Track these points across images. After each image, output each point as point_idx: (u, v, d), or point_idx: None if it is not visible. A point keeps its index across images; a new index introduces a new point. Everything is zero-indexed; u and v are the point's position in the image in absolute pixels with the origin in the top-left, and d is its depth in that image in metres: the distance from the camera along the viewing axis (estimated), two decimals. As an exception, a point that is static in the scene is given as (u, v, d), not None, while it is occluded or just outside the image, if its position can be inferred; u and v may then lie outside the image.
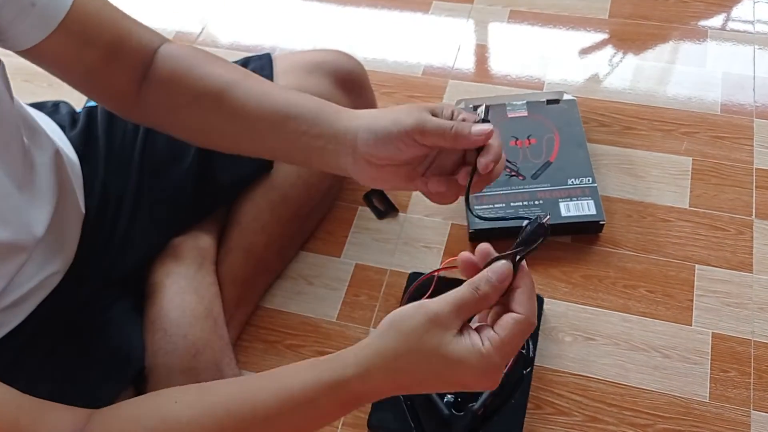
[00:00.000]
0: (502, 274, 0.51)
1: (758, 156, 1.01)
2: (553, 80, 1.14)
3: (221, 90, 0.64)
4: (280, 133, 0.63)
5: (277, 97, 0.63)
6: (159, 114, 0.69)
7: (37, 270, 0.66)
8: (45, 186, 0.67)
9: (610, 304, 0.89)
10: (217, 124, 0.66)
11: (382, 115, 0.59)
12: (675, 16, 1.20)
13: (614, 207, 0.97)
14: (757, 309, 0.87)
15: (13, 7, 0.58)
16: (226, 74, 0.65)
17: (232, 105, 0.64)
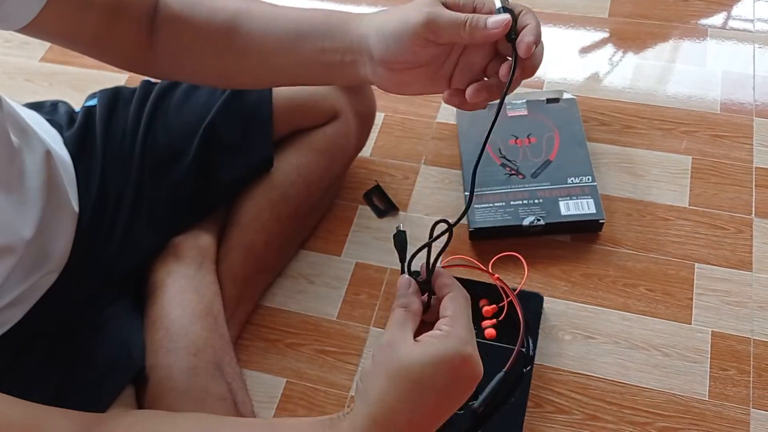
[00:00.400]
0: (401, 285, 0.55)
1: (758, 155, 1.01)
2: (553, 79, 1.14)
3: (230, 24, 0.62)
4: (296, 56, 0.60)
5: (285, 19, 0.61)
6: (173, 62, 0.67)
7: (29, 271, 0.66)
8: (33, 187, 0.67)
9: (609, 302, 0.89)
10: (232, 61, 0.64)
11: (391, 15, 0.55)
12: (675, 15, 1.20)
13: (614, 206, 0.97)
14: (757, 307, 0.88)
15: None
16: (230, 5, 0.63)
17: (243, 38, 0.62)
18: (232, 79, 0.68)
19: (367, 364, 0.50)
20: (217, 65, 0.66)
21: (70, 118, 0.82)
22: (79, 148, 0.78)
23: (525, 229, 0.93)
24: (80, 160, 0.77)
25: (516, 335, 0.82)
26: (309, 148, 0.90)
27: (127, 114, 0.82)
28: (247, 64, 0.64)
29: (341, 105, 0.91)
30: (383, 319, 0.90)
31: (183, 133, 0.82)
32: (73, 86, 1.22)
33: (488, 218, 0.94)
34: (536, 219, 0.93)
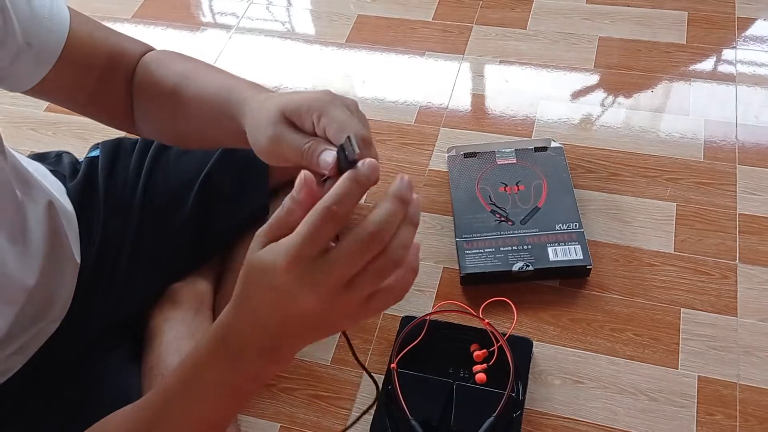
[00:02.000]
0: (299, 183, 0.42)
1: (741, 201, 1.04)
2: (542, 127, 1.17)
3: (173, 89, 0.65)
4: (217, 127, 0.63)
5: (209, 91, 0.63)
6: (142, 122, 0.70)
7: (33, 319, 0.68)
8: (36, 237, 0.69)
9: (598, 347, 0.91)
10: (177, 124, 0.67)
11: (256, 119, 0.55)
12: (659, 66, 1.24)
13: (601, 251, 1.00)
14: (743, 352, 0.89)
15: (8, 51, 0.58)
16: (177, 71, 0.66)
17: (182, 104, 0.65)
18: (184, 142, 0.72)
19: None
20: (170, 128, 0.69)
21: (73, 168, 0.85)
22: (82, 198, 0.81)
23: (514, 274, 0.95)
24: (83, 209, 0.80)
25: (506, 379, 0.84)
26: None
27: (129, 164, 0.85)
28: (189, 129, 0.67)
29: None
30: (377, 363, 0.91)
31: (182, 183, 0.85)
32: (77, 135, 1.26)
33: (479, 264, 0.96)
34: (525, 264, 0.95)
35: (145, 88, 0.68)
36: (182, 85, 0.65)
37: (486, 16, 1.36)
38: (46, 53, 0.61)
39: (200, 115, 0.64)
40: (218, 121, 0.62)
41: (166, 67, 0.68)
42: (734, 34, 1.28)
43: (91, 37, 0.65)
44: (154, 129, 0.72)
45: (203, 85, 0.64)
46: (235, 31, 1.43)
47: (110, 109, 0.70)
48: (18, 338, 0.65)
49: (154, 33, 1.46)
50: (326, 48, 1.37)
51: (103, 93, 0.68)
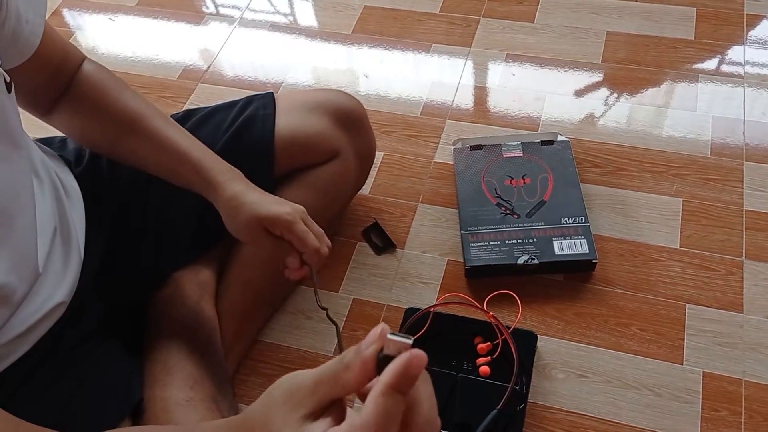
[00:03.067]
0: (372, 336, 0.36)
1: (748, 198, 1.04)
2: (548, 121, 1.17)
3: (134, 119, 0.75)
4: (174, 174, 0.76)
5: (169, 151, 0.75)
6: (67, 123, 0.77)
7: (42, 301, 0.68)
8: (45, 219, 0.69)
9: (602, 341, 0.91)
10: (116, 143, 0.76)
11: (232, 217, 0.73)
12: (666, 61, 1.23)
13: (606, 246, 0.99)
14: (748, 349, 0.89)
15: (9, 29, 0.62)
16: (138, 106, 0.76)
17: (143, 134, 0.75)
18: (113, 155, 0.79)
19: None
20: (105, 143, 0.78)
21: (78, 154, 0.84)
22: (89, 185, 0.80)
23: (519, 267, 0.95)
24: (90, 196, 0.79)
25: (510, 373, 0.83)
26: (309, 186, 0.92)
27: None
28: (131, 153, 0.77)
29: (342, 144, 0.93)
30: (379, 355, 0.91)
31: None
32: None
33: (484, 256, 0.96)
34: (531, 258, 0.95)
35: (92, 101, 0.75)
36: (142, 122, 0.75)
37: (493, 9, 1.36)
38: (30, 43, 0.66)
39: (155, 158, 0.76)
40: (177, 172, 0.76)
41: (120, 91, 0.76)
42: (743, 31, 1.27)
43: (50, 35, 0.71)
44: (80, 134, 0.79)
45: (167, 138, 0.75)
46: (238, 22, 1.43)
47: (33, 99, 0.75)
48: (24, 321, 0.65)
49: (157, 23, 1.46)
50: (331, 39, 1.36)
51: (43, 89, 0.73)
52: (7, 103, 0.60)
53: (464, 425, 0.80)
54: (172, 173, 0.76)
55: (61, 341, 0.71)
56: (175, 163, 0.75)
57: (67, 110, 0.76)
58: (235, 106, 0.89)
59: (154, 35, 1.43)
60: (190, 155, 0.74)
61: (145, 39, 1.43)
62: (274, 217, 0.72)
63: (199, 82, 1.31)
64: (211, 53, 1.37)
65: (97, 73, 0.77)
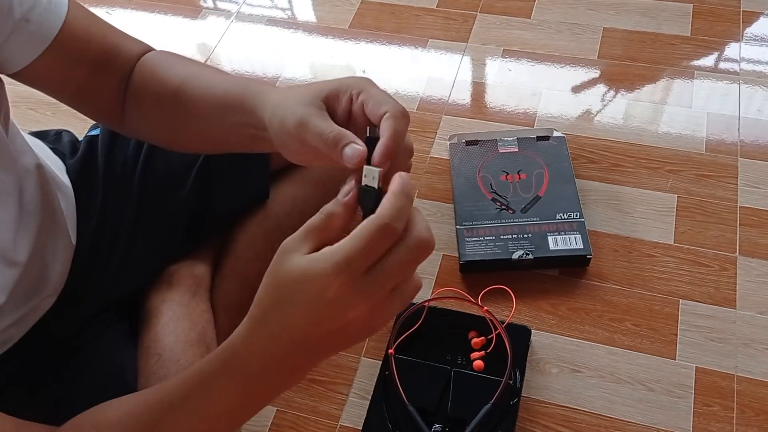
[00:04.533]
0: (345, 190, 0.44)
1: (742, 194, 1.04)
2: (544, 117, 1.17)
3: (178, 91, 0.64)
4: (224, 127, 0.61)
5: (218, 90, 0.62)
6: (136, 122, 0.69)
7: (27, 293, 0.67)
8: (29, 211, 0.68)
9: (596, 336, 0.91)
10: (179, 126, 0.66)
11: (281, 104, 0.53)
12: (662, 58, 1.24)
13: (601, 241, 1.00)
14: (741, 344, 0.89)
15: (7, 24, 0.57)
16: (180, 71, 0.65)
17: (185, 105, 0.63)
18: (182, 144, 0.70)
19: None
20: (169, 129, 0.68)
21: (73, 147, 0.84)
22: (81, 177, 0.80)
23: (514, 262, 0.95)
24: (82, 187, 0.79)
25: (504, 367, 0.84)
26: (305, 180, 0.92)
27: (128, 144, 0.84)
28: (190, 131, 0.66)
29: None
30: (374, 349, 0.91)
31: (182, 163, 0.84)
32: (75, 116, 1.23)
33: (478, 251, 0.96)
34: (525, 253, 0.95)
35: (145, 87, 0.67)
36: (187, 84, 0.64)
37: (490, 5, 1.35)
38: (40, 34, 0.60)
39: (206, 114, 0.63)
40: (226, 119, 0.60)
41: (170, 66, 0.67)
42: (739, 28, 1.27)
43: (87, 31, 0.64)
44: (149, 129, 0.70)
45: (212, 84, 0.63)
46: (235, 17, 1.43)
47: (98, 105, 0.69)
48: (13, 312, 0.65)
49: (154, 17, 1.46)
50: (328, 34, 1.36)
51: (92, 88, 0.66)
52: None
53: (458, 419, 0.81)
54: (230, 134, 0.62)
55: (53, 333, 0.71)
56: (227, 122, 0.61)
57: (135, 113, 0.68)
58: None
59: (151, 29, 1.43)
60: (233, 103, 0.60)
61: (142, 33, 1.42)
62: (339, 81, 0.53)
63: (196, 76, 1.31)
64: (208, 47, 1.37)
65: (150, 57, 0.67)
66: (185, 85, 0.64)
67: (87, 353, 0.74)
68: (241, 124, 0.59)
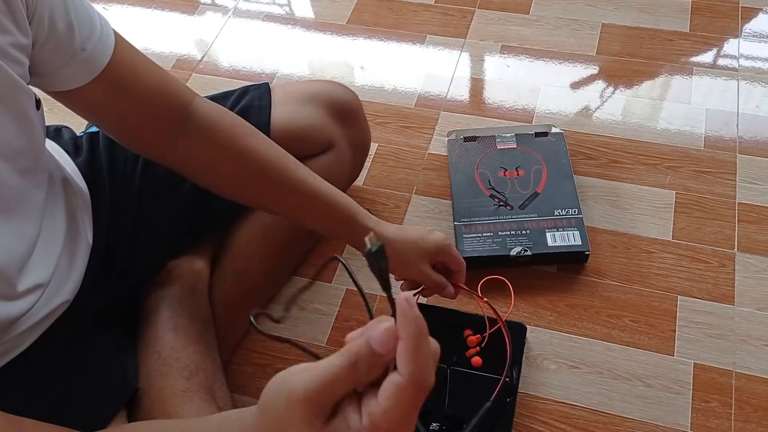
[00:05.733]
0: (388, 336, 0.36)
1: (740, 190, 1.04)
2: (542, 113, 1.17)
3: (278, 170, 0.73)
4: (326, 226, 0.79)
5: (322, 200, 0.75)
6: (198, 169, 0.74)
7: (50, 298, 0.68)
8: (56, 227, 0.69)
9: (594, 333, 0.91)
10: (263, 198, 0.76)
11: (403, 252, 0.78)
12: (661, 54, 1.23)
13: (599, 238, 1.00)
14: (739, 341, 0.89)
15: (64, 53, 0.60)
16: (277, 154, 0.74)
17: (290, 187, 0.74)
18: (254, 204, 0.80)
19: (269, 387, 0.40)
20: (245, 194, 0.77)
21: (74, 144, 0.83)
22: (90, 177, 0.80)
23: (512, 259, 0.95)
24: (91, 187, 0.79)
25: (499, 364, 0.84)
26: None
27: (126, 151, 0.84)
28: (280, 210, 0.78)
29: (336, 136, 0.93)
30: (372, 345, 0.91)
31: None
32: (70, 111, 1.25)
33: (477, 248, 0.96)
34: (523, 249, 0.95)
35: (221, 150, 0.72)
36: (283, 176, 0.73)
37: (489, 1, 1.35)
38: (93, 62, 0.62)
39: (305, 215, 0.77)
40: (329, 229, 0.80)
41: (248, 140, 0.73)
42: (738, 24, 1.27)
43: (134, 62, 0.67)
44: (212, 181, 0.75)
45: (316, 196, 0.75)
46: (233, 12, 1.42)
47: (139, 139, 0.72)
48: (33, 317, 0.65)
49: (152, 13, 1.45)
50: (326, 30, 1.36)
51: (135, 121, 0.69)
52: (36, 120, 0.61)
53: (455, 417, 0.81)
54: (321, 224, 0.79)
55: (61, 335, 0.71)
56: (327, 217, 0.76)
57: (186, 155, 0.72)
58: (230, 97, 0.89)
59: (148, 25, 1.43)
60: (339, 206, 0.76)
61: (139, 29, 1.42)
62: (441, 244, 0.80)
63: (194, 73, 1.31)
64: (206, 43, 1.37)
65: (215, 113, 0.72)
66: (284, 173, 0.73)
67: (88, 352, 0.74)
68: (340, 233, 0.79)
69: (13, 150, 0.58)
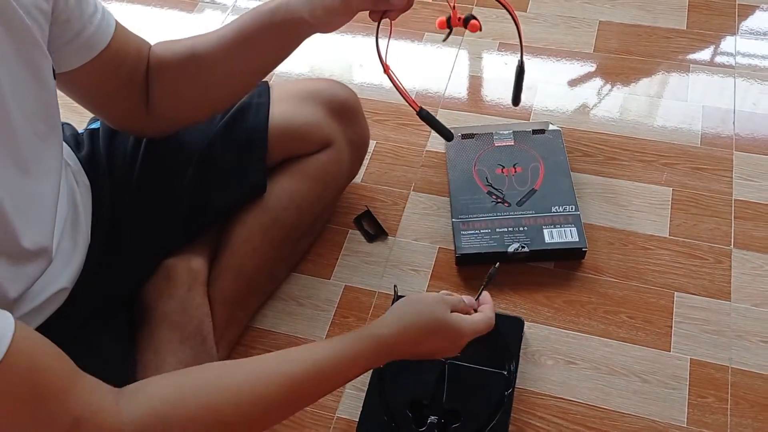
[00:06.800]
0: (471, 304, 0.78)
1: (737, 187, 1.05)
2: (540, 110, 1.17)
3: (191, 50, 0.75)
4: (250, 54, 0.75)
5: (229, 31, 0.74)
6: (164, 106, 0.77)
7: (51, 280, 0.68)
8: (62, 204, 0.70)
9: (591, 329, 0.92)
10: (203, 80, 0.76)
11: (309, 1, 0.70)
12: (658, 51, 1.24)
13: (596, 234, 1.00)
14: (735, 336, 0.90)
15: (71, 29, 0.64)
16: (185, 41, 0.76)
17: (205, 56, 0.74)
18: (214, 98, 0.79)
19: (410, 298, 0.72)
20: (197, 90, 0.77)
21: (75, 141, 0.84)
22: (91, 171, 0.80)
23: (510, 255, 0.95)
24: (92, 182, 0.80)
25: (498, 359, 0.84)
26: (302, 175, 0.92)
27: (128, 137, 0.84)
28: (217, 78, 0.76)
29: (335, 134, 0.94)
30: (370, 342, 0.92)
31: (180, 157, 0.84)
32: (73, 109, 1.25)
33: (474, 244, 0.96)
34: (521, 246, 0.95)
35: (161, 64, 0.76)
36: (197, 42, 0.75)
37: (486, -2, 1.36)
38: (92, 45, 0.67)
39: (230, 54, 0.74)
40: (254, 46, 0.74)
41: (174, 42, 0.77)
42: (735, 21, 1.28)
43: (126, 46, 0.72)
44: (178, 104, 0.78)
45: (219, 33, 0.74)
46: (232, 10, 1.42)
47: (124, 111, 0.77)
48: (33, 299, 0.66)
49: (151, 10, 1.45)
50: (325, 28, 1.36)
51: (122, 95, 0.74)
52: (52, 86, 0.63)
53: (452, 411, 0.81)
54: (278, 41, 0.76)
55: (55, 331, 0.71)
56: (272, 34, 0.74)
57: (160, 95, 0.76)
58: None
59: (147, 23, 1.43)
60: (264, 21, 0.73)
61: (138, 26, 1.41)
62: None
63: (192, 70, 1.31)
64: (204, 41, 1.37)
65: (159, 45, 0.77)
66: (196, 44, 0.75)
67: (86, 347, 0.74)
68: (273, 37, 0.73)
69: (32, 110, 0.61)
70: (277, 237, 0.91)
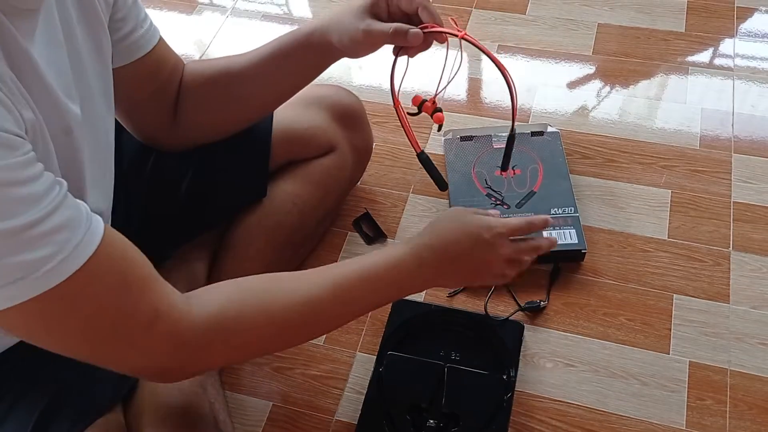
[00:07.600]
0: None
1: (736, 189, 1.05)
2: (539, 113, 1.17)
3: (226, 67, 0.79)
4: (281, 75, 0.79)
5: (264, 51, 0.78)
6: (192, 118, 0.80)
7: None
8: None
9: (590, 331, 0.92)
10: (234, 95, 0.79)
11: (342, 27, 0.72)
12: (657, 54, 1.24)
13: (595, 237, 1.00)
14: (734, 339, 0.90)
15: (124, 27, 0.68)
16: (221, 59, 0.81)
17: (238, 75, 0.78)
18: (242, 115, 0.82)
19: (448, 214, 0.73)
20: (226, 106, 0.80)
21: None
22: None
23: (509, 258, 0.95)
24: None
25: (498, 362, 0.84)
26: (305, 179, 0.92)
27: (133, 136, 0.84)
28: (246, 95, 0.79)
29: (338, 139, 0.94)
30: (369, 344, 0.92)
31: (181, 160, 0.84)
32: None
33: (473, 247, 0.96)
34: (520, 248, 0.95)
35: (195, 77, 0.79)
36: (233, 58, 0.79)
37: (486, 0, 1.36)
38: (142, 43, 0.71)
39: (261, 72, 0.77)
40: (284, 67, 0.77)
41: (210, 60, 0.83)
42: (733, 24, 1.28)
43: (166, 48, 0.76)
44: (204, 115, 0.80)
45: (255, 52, 0.78)
46: (230, 12, 1.42)
47: (151, 119, 0.79)
48: None
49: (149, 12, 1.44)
50: (324, 30, 1.36)
51: (154, 100, 0.77)
52: (110, 67, 0.67)
53: (452, 414, 0.81)
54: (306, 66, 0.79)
55: None
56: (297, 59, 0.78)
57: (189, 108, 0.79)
58: None
59: (145, 25, 1.43)
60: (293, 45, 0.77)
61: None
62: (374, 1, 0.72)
63: (191, 72, 1.31)
64: (204, 43, 1.37)
65: (195, 63, 0.81)
66: (231, 60, 0.79)
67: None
68: (307, 57, 0.77)
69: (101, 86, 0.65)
70: (279, 241, 0.91)
